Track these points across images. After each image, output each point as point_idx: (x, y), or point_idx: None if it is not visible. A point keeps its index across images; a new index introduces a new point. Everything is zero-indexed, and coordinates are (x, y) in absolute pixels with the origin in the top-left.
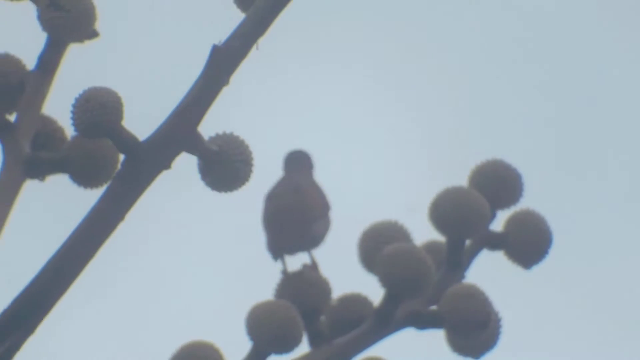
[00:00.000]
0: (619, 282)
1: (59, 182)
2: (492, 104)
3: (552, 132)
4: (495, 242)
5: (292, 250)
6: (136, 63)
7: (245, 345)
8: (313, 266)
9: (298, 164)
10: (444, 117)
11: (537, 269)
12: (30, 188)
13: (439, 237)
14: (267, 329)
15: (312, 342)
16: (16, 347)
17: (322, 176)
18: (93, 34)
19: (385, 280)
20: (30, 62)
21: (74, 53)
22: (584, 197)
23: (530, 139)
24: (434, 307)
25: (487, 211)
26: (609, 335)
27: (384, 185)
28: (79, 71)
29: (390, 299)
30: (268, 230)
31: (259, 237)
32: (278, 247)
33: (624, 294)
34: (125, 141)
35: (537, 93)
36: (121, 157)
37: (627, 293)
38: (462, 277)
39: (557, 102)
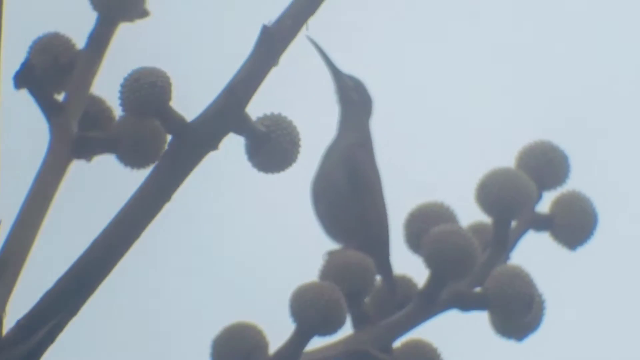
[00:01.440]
0: None
1: (107, 162)
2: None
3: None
4: (541, 223)
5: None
6: (186, 43)
7: (289, 327)
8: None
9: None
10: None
11: (582, 250)
12: (77, 167)
13: (485, 219)
14: (311, 311)
15: (356, 324)
16: (59, 327)
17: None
18: (144, 13)
19: (430, 262)
20: (80, 41)
21: (125, 32)
22: (631, 178)
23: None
24: (478, 289)
25: (534, 193)
26: None
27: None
28: (129, 50)
29: (436, 280)
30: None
31: (304, 218)
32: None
33: None
34: (173, 121)
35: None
36: (169, 137)
37: None
38: (508, 258)
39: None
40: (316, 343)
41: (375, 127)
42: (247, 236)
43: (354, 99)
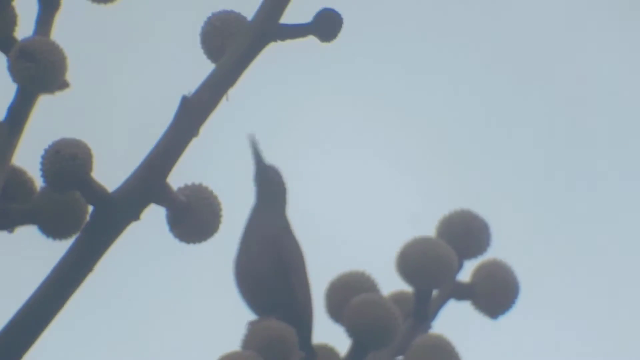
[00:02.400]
0: (589, 330)
1: (28, 234)
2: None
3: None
4: (462, 292)
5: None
6: (106, 113)
7: None
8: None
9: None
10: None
11: (503, 319)
12: None
13: (407, 288)
14: None
15: None
16: None
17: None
18: (64, 85)
19: (352, 331)
20: (0, 112)
21: (44, 104)
22: (552, 248)
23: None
24: (400, 358)
25: (455, 262)
26: None
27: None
28: (49, 122)
29: (358, 349)
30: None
31: (227, 289)
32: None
33: (593, 341)
34: (95, 192)
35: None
36: (90, 208)
37: (598, 341)
38: (429, 327)
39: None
40: None
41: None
42: (171, 304)
43: (273, 185)
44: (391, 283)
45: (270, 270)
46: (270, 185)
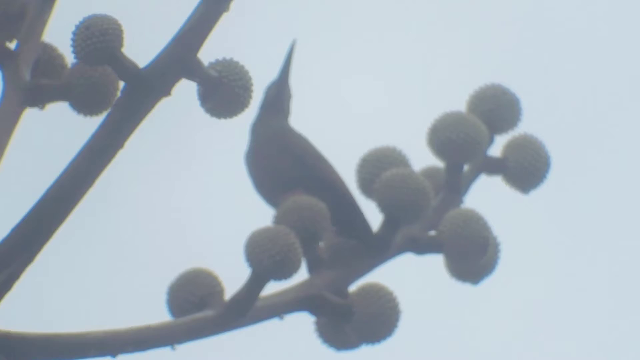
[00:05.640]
0: (616, 207)
1: (60, 110)
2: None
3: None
4: (493, 167)
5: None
6: None
7: (244, 272)
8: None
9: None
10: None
11: (534, 193)
12: (30, 115)
13: (437, 163)
14: (265, 255)
15: (312, 269)
16: (16, 275)
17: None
18: None
19: (383, 206)
20: None
21: None
22: (582, 122)
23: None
24: (432, 232)
25: (485, 135)
26: (606, 261)
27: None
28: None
29: (389, 224)
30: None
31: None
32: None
33: (620, 220)
34: (126, 68)
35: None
36: (121, 84)
37: (623, 221)
38: (461, 201)
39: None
40: (272, 288)
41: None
42: (200, 185)
43: (284, 102)
44: (423, 160)
45: (286, 163)
46: (280, 101)
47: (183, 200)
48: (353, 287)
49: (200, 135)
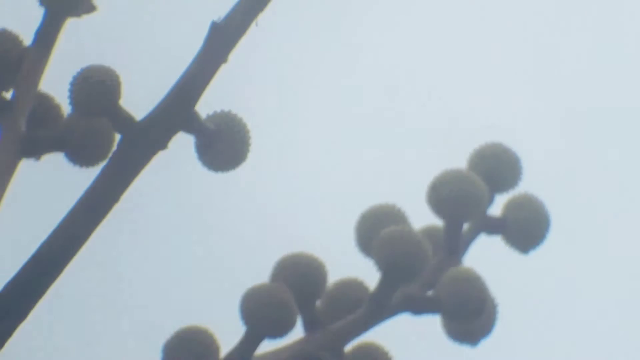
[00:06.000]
0: (621, 267)
1: (55, 161)
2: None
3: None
4: (493, 226)
5: None
6: (134, 39)
7: (240, 331)
8: None
9: None
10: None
11: (534, 253)
12: (25, 167)
13: (437, 222)
14: (261, 312)
15: (307, 327)
16: (8, 333)
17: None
18: (90, 8)
19: (381, 264)
20: (27, 37)
21: (71, 28)
22: (584, 181)
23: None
24: (430, 292)
25: (485, 194)
26: (607, 326)
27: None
28: (76, 47)
29: (386, 283)
30: None
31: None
32: None
33: (626, 280)
34: (122, 120)
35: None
36: (117, 136)
37: (629, 278)
38: (459, 261)
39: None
40: (267, 347)
41: None
42: (196, 237)
43: None
44: (423, 219)
45: None
46: None
47: (177, 255)
48: (349, 347)
49: (198, 188)
